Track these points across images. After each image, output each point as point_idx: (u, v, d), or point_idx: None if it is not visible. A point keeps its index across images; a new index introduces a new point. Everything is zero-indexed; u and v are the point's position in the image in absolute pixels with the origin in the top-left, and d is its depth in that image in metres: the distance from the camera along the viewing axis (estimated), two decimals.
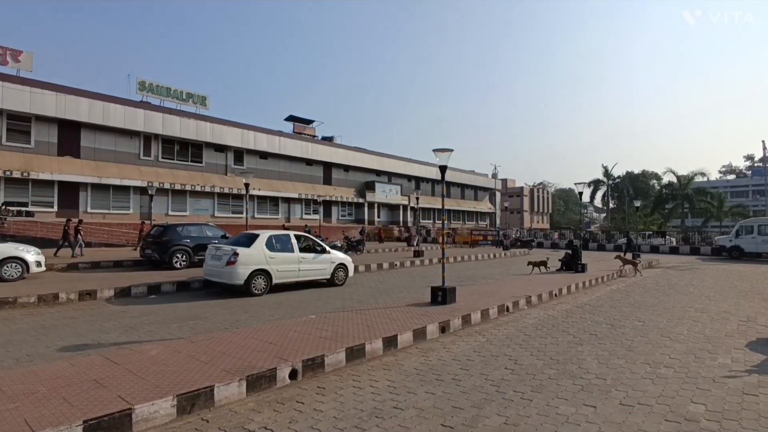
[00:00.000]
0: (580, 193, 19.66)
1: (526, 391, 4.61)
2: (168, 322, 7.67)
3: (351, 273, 12.79)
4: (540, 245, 37.42)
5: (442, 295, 8.74)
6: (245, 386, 4.45)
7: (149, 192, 22.61)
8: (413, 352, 6.09)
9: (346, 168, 41.23)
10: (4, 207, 21.43)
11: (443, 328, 7.18)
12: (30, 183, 23.02)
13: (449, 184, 50.02)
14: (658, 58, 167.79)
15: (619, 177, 70.05)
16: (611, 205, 73.01)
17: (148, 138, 27.97)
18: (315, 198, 35.69)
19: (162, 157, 28.72)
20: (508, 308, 8.98)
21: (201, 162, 30.76)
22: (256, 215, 32.58)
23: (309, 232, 19.22)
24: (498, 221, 60.84)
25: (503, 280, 13.73)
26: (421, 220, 31.50)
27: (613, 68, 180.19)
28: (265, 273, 10.50)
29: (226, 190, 30.88)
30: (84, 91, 25.62)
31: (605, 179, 66.70)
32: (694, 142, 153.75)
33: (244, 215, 31.02)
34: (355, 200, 41.11)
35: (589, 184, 69.23)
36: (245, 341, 5.84)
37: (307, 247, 11.88)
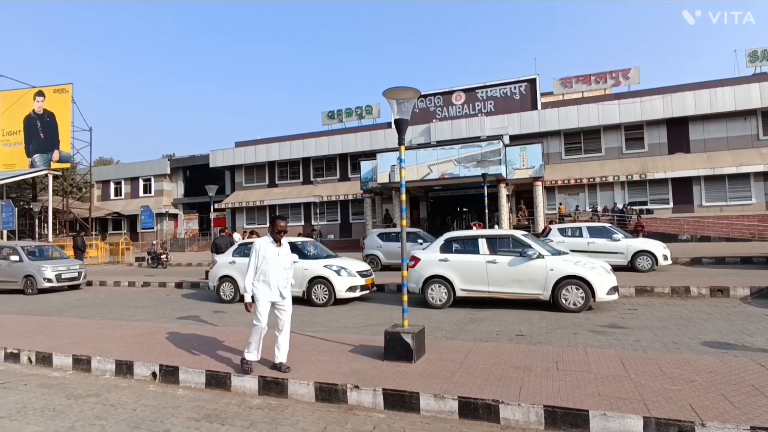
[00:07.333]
0: None
1: None
2: None
3: None
4: None
5: None
6: None
7: None
8: None
9: None
10: (627, 206, 24.86)
11: None
12: (647, 183, 25.43)
13: None
14: None
15: None
16: None
17: (765, 114, 23.92)
18: None
19: None
20: None
21: None
22: None
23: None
24: None
25: None
26: None
27: None
28: None
29: None
30: (687, 84, 25.60)
31: None
32: None
33: None
34: None
35: None
36: None
37: None
